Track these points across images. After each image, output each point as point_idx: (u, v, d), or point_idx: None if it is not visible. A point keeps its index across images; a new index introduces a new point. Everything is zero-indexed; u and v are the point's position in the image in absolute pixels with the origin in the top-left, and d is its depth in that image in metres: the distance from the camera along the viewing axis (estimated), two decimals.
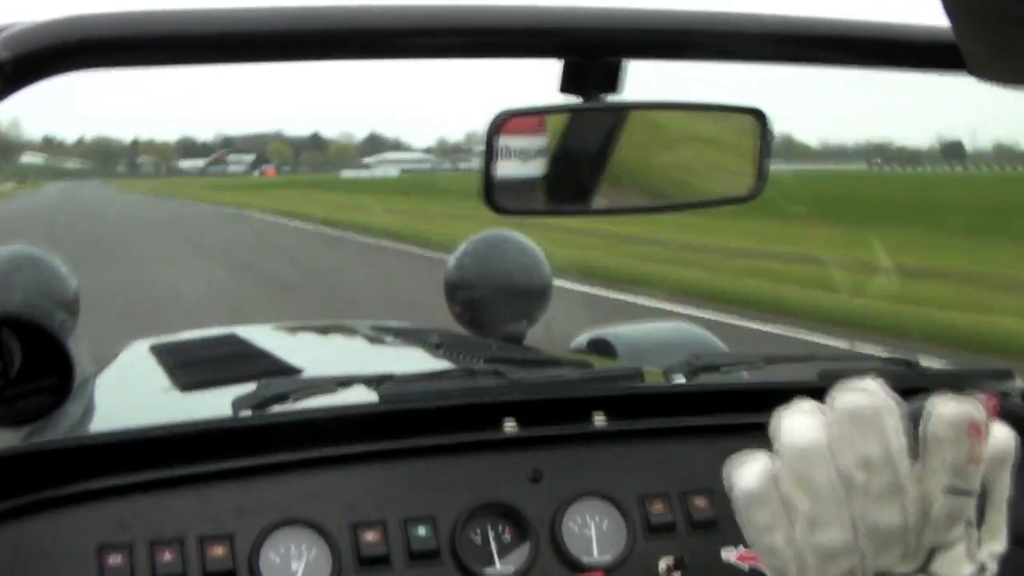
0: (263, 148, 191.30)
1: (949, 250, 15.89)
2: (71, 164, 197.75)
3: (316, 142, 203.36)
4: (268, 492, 1.45)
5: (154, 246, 22.63)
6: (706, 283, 13.13)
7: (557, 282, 2.99)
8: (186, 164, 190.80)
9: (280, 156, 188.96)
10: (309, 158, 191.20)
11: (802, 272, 13.64)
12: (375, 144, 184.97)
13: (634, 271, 14.42)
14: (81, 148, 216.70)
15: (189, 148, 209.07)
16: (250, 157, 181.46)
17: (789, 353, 1.87)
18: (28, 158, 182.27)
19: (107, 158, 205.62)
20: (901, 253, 14.92)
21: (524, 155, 1.36)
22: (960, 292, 12.10)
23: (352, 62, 1.25)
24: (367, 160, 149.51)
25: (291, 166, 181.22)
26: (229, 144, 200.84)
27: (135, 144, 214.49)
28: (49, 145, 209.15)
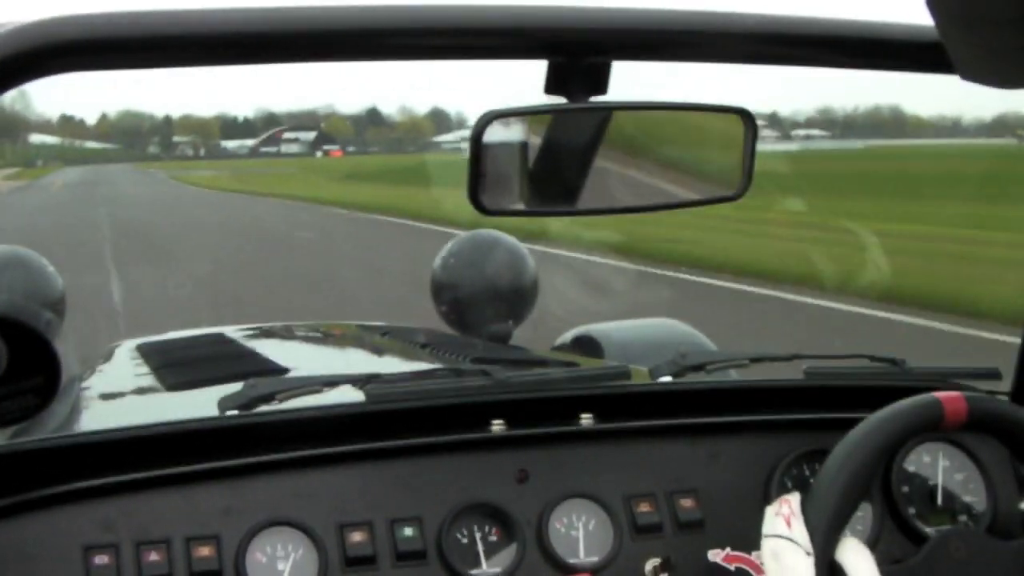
0: (315, 125, 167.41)
1: None
2: (92, 144, 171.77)
3: (375, 118, 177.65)
4: (254, 492, 1.44)
5: None
6: None
7: None
8: (232, 144, 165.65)
9: (340, 134, 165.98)
10: (376, 136, 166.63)
11: None
12: (441, 120, 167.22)
13: None
14: (104, 126, 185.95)
15: (229, 126, 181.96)
16: (310, 135, 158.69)
17: (775, 352, 1.88)
18: (39, 138, 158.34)
19: (135, 137, 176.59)
20: None
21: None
22: None
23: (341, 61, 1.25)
24: (442, 139, 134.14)
25: (356, 146, 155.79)
26: (274, 121, 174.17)
27: (168, 121, 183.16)
28: (67, 124, 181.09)
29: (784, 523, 1.35)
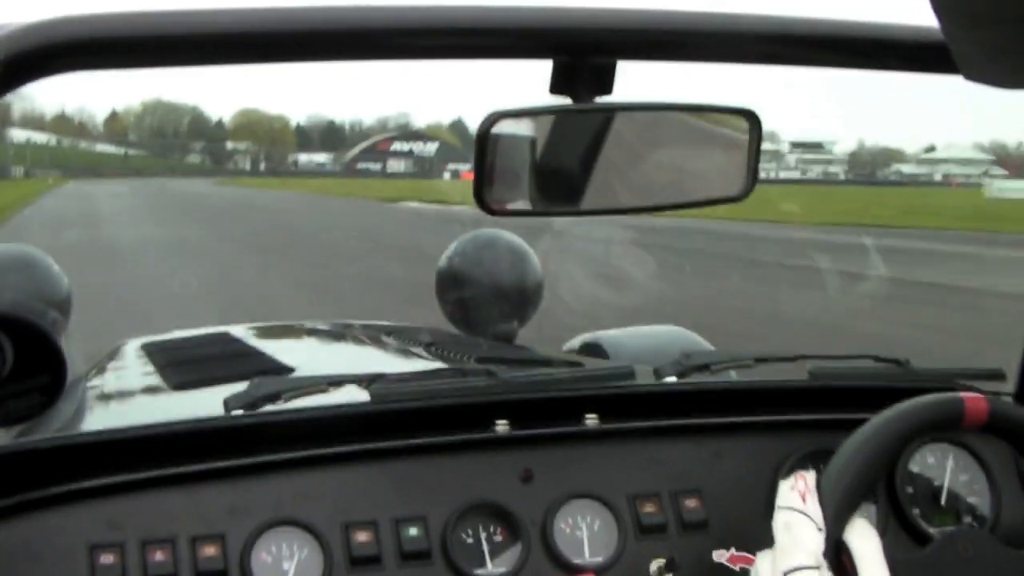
0: (418, 135, 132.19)
1: None
2: (105, 148, 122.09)
3: (460, 131, 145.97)
4: (260, 492, 1.45)
5: None
6: None
7: None
8: (319, 158, 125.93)
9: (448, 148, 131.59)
10: None
11: None
12: None
13: None
14: (119, 123, 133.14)
15: (303, 133, 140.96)
16: (428, 147, 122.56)
17: (779, 353, 1.88)
18: (23, 135, 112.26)
19: (170, 140, 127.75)
20: None
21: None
22: None
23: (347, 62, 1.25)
24: None
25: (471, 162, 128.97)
26: (335, 132, 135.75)
27: (193, 119, 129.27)
28: (64, 120, 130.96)
29: (799, 497, 1.37)
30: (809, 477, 1.39)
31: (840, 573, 1.35)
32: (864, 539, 1.37)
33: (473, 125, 1.37)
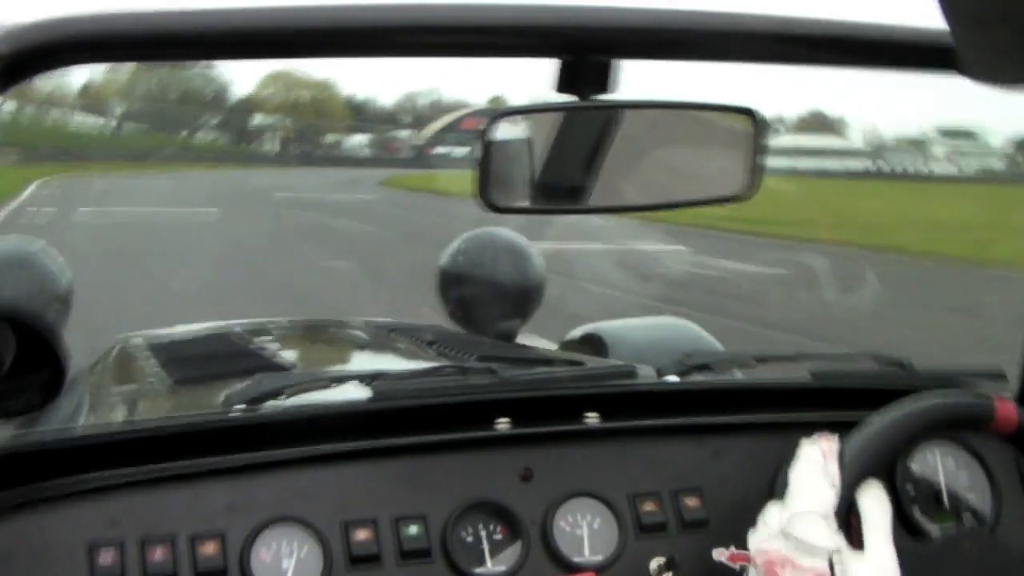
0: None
1: None
2: (86, 120, 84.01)
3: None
4: (260, 489, 1.44)
5: None
6: None
7: None
8: (365, 139, 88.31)
9: None
10: None
11: None
12: None
13: None
14: (103, 90, 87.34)
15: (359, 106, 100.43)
16: None
17: (781, 352, 1.88)
18: None
19: (173, 110, 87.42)
20: None
21: None
22: None
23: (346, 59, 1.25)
24: None
25: None
26: (363, 111, 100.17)
27: (204, 84, 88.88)
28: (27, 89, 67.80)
29: (820, 454, 1.40)
30: (833, 439, 1.42)
31: (846, 531, 1.36)
32: (876, 504, 1.39)
33: (513, 102, 1.35)
